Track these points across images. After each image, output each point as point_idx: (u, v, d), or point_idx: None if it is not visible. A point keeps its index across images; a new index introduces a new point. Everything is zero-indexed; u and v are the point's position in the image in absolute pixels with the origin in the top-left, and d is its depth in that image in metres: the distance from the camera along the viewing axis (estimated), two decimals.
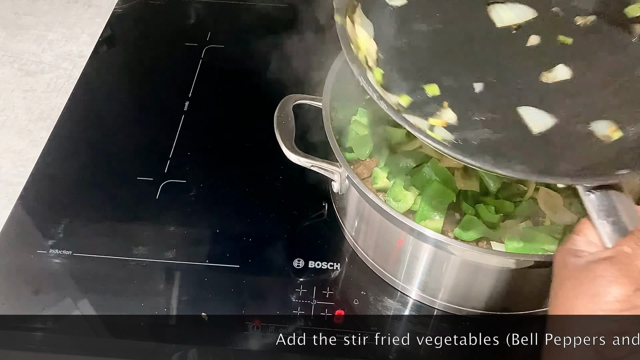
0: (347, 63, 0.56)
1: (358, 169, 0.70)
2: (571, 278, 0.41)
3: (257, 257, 0.69)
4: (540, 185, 0.66)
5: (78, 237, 0.70)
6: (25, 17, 1.04)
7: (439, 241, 0.56)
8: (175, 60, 0.94)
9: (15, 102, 0.90)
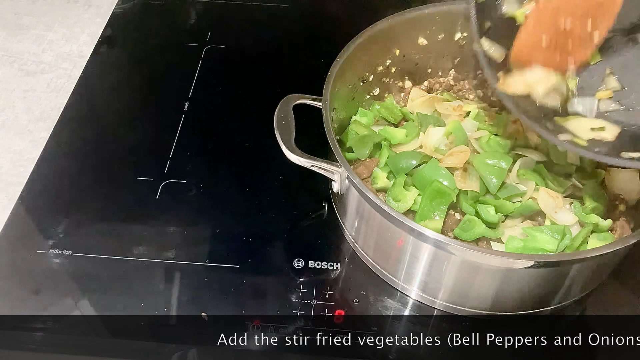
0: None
1: (358, 169, 0.70)
2: None
3: (257, 257, 0.69)
4: (541, 186, 0.66)
5: (78, 237, 0.70)
6: (25, 17, 1.04)
7: (439, 241, 0.56)
8: (175, 60, 0.94)
9: (15, 102, 0.90)
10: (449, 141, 0.71)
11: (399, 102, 0.81)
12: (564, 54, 0.59)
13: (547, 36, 0.58)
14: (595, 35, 0.57)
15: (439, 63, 0.81)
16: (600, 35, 0.57)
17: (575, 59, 0.60)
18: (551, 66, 0.60)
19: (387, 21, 0.73)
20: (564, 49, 0.59)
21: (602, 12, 0.56)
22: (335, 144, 0.62)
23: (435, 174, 0.66)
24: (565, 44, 0.58)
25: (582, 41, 0.58)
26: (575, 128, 0.59)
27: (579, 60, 0.60)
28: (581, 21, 0.57)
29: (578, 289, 0.64)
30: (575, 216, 0.65)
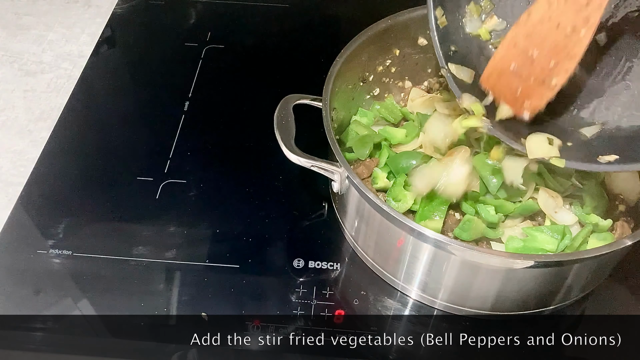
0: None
1: (358, 169, 0.70)
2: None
3: (257, 257, 0.69)
4: (541, 186, 0.66)
5: (78, 237, 0.70)
6: (25, 17, 1.04)
7: (439, 241, 0.56)
8: (175, 60, 0.94)
9: (15, 102, 0.90)
10: (449, 141, 0.71)
11: (399, 102, 0.81)
12: (522, 94, 0.60)
13: (515, 61, 0.59)
14: (554, 81, 0.57)
15: (439, 63, 0.81)
16: (560, 79, 0.57)
17: (531, 103, 0.59)
18: (509, 102, 0.61)
19: (387, 21, 0.73)
20: (525, 87, 0.59)
21: (566, 54, 0.56)
22: (335, 144, 0.62)
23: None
24: (527, 79, 0.59)
25: (542, 84, 0.58)
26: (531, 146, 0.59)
27: (533, 106, 0.59)
28: (545, 59, 0.57)
29: (578, 289, 0.64)
30: (575, 216, 0.65)
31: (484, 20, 0.66)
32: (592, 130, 0.60)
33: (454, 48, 0.64)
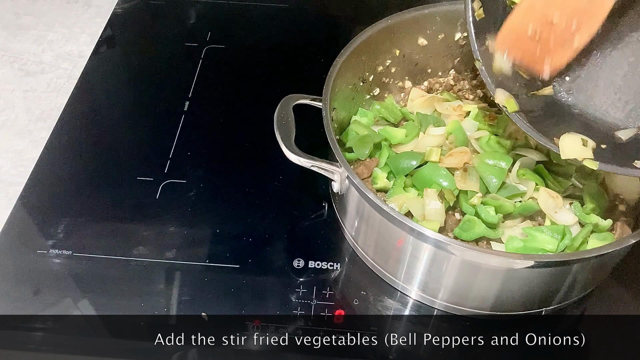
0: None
1: (358, 169, 0.70)
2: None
3: (257, 257, 0.69)
4: (541, 186, 0.66)
5: (78, 237, 0.70)
6: (25, 17, 1.04)
7: (439, 241, 0.56)
8: (175, 60, 0.94)
9: (15, 102, 0.90)
10: (449, 141, 0.71)
11: (399, 102, 0.81)
12: (543, 52, 0.59)
13: (533, 25, 0.58)
14: (577, 39, 0.57)
15: (439, 63, 0.81)
16: (581, 40, 0.57)
17: (552, 61, 0.59)
18: (528, 60, 0.60)
19: (387, 21, 0.73)
20: (545, 46, 0.58)
21: (589, 15, 0.55)
22: (335, 144, 0.62)
23: (435, 174, 0.66)
24: (547, 40, 0.58)
25: (564, 42, 0.57)
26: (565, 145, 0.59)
27: (555, 64, 0.59)
28: (567, 19, 0.56)
29: (578, 289, 0.64)
30: (575, 216, 0.65)
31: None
32: (628, 133, 0.59)
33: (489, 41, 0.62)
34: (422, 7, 0.75)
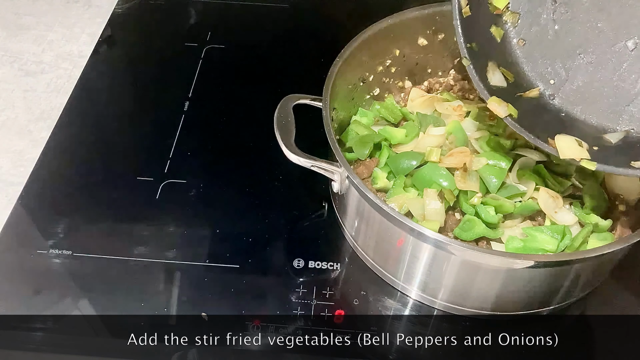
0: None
1: (358, 169, 0.70)
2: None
3: (257, 257, 0.69)
4: (541, 186, 0.66)
5: (78, 237, 0.70)
6: (25, 17, 1.04)
7: (439, 241, 0.56)
8: (175, 60, 0.93)
9: (15, 102, 0.90)
10: (449, 141, 0.71)
11: (399, 102, 0.81)
12: None
13: None
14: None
15: (439, 63, 0.81)
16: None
17: None
18: None
19: (387, 21, 0.73)
20: None
21: None
22: (335, 144, 0.62)
23: (435, 174, 0.66)
24: None
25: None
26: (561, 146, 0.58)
27: None
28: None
29: (578, 289, 0.64)
30: (575, 216, 0.65)
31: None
32: (617, 136, 0.59)
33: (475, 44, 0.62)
34: (422, 7, 0.75)
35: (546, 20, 0.63)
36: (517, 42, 0.64)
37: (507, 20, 0.63)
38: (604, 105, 0.60)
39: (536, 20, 0.63)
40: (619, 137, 0.59)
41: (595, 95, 0.61)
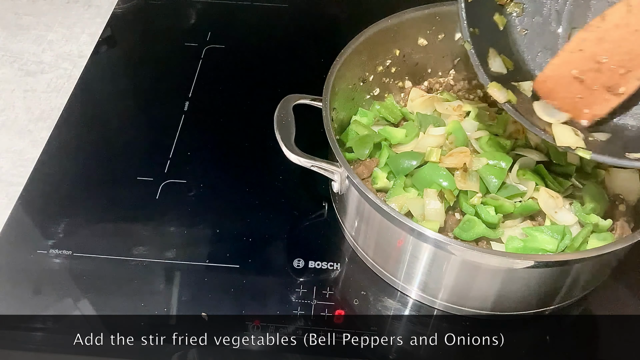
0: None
1: (358, 169, 0.70)
2: None
3: (257, 257, 0.69)
4: (541, 186, 0.66)
5: (78, 237, 0.70)
6: (25, 17, 1.04)
7: (439, 241, 0.56)
8: (175, 60, 0.93)
9: (15, 102, 0.90)
10: (449, 141, 0.71)
11: (399, 102, 0.81)
12: (583, 101, 0.58)
13: (577, 69, 0.57)
14: (622, 89, 0.55)
15: (439, 63, 0.81)
16: (627, 91, 0.55)
17: (591, 110, 0.58)
18: (566, 109, 0.59)
19: (387, 21, 0.73)
20: (587, 93, 0.57)
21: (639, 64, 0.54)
22: (335, 144, 0.62)
23: (435, 174, 0.66)
24: (590, 85, 0.57)
25: (607, 91, 0.56)
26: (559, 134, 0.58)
27: (594, 114, 0.58)
28: (616, 66, 0.55)
29: (578, 289, 0.64)
30: (575, 216, 0.65)
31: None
32: (605, 136, 0.58)
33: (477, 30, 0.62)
34: (422, 7, 0.75)
35: (549, 11, 0.62)
36: (519, 31, 0.64)
37: (511, 11, 0.63)
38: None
39: (539, 10, 0.63)
40: (608, 136, 0.59)
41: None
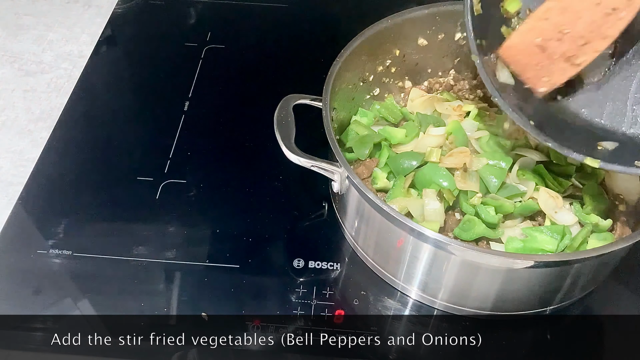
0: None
1: (358, 169, 0.70)
2: None
3: (257, 257, 0.69)
4: (541, 186, 0.66)
5: (78, 237, 0.70)
6: (25, 17, 1.04)
7: (439, 241, 0.56)
8: (175, 60, 0.93)
9: (15, 102, 0.90)
10: (449, 141, 0.71)
11: (399, 102, 0.81)
12: (543, 69, 0.59)
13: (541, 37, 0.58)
14: (580, 59, 0.57)
15: (439, 63, 0.81)
16: (585, 62, 0.57)
17: (550, 79, 0.59)
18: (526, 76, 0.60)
19: (387, 21, 0.73)
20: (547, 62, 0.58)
21: (598, 36, 0.55)
22: (335, 144, 0.62)
23: (435, 174, 0.66)
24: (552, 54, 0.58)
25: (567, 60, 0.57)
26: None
27: (552, 83, 0.59)
28: (577, 36, 0.56)
29: (578, 289, 0.64)
30: (575, 216, 0.65)
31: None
32: (613, 145, 0.58)
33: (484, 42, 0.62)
34: (422, 7, 0.75)
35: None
36: None
37: (517, 24, 0.63)
38: (609, 108, 0.60)
39: None
40: (614, 145, 0.58)
41: (602, 98, 0.60)
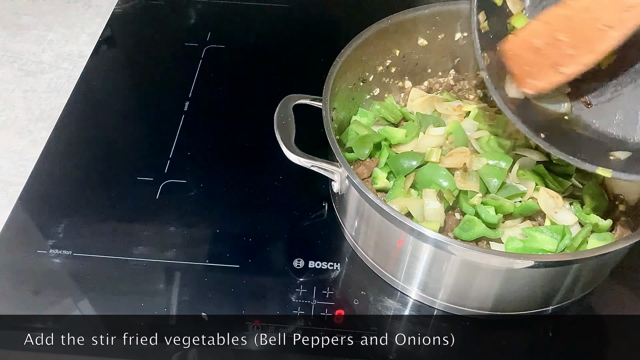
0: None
1: (358, 169, 0.70)
2: None
3: (257, 257, 0.69)
4: (541, 186, 0.66)
5: (78, 237, 0.70)
6: (25, 17, 1.04)
7: (439, 241, 0.56)
8: (175, 60, 0.94)
9: (15, 102, 0.90)
10: (449, 141, 0.71)
11: (399, 102, 0.81)
12: (532, 72, 0.59)
13: (540, 40, 0.58)
14: (567, 70, 0.57)
15: (439, 63, 0.81)
16: (571, 73, 0.57)
17: (536, 83, 0.59)
18: (516, 74, 0.60)
19: (387, 21, 0.73)
20: (538, 65, 0.59)
21: (587, 50, 0.56)
22: (335, 144, 0.62)
23: (435, 174, 0.66)
24: (544, 59, 0.58)
25: (554, 68, 0.58)
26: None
27: (537, 87, 0.59)
28: (569, 46, 0.57)
29: (578, 289, 0.64)
30: (575, 216, 0.65)
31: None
32: (626, 154, 0.58)
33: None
34: (422, 7, 0.75)
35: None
36: None
37: None
38: (620, 118, 0.60)
39: None
40: (628, 154, 0.58)
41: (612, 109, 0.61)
